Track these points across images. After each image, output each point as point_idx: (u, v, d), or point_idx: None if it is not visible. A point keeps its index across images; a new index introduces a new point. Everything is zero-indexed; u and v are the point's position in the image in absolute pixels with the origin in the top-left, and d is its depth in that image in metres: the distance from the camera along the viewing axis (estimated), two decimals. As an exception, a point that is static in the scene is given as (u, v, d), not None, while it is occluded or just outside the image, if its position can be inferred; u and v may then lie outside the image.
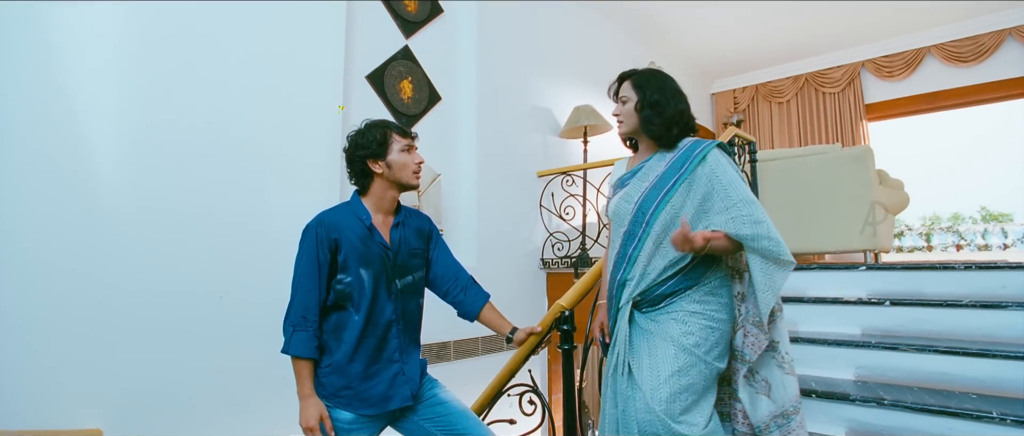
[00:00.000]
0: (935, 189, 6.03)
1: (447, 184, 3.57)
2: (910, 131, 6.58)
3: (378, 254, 1.57)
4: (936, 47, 5.63)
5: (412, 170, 1.63)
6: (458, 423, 1.65)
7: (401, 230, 1.66)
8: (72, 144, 2.08)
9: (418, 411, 1.65)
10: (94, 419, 2.03)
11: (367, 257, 1.56)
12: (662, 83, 1.55)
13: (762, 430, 1.48)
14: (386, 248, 1.60)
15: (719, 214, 1.42)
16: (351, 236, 1.56)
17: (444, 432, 1.64)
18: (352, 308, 1.54)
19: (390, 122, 1.67)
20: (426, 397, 1.68)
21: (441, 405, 1.67)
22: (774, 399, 1.48)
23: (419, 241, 1.71)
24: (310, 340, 1.51)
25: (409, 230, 1.69)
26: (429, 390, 1.69)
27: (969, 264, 2.33)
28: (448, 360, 3.29)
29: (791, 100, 6.56)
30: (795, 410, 1.48)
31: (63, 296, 2.01)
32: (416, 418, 1.65)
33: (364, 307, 1.54)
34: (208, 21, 2.46)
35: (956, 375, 2.04)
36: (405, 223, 1.68)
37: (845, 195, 3.23)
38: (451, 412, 1.66)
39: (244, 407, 2.41)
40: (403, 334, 1.62)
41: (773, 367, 1.50)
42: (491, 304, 1.79)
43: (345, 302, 1.55)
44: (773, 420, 1.48)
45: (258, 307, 2.45)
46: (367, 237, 1.57)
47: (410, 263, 1.66)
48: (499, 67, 3.96)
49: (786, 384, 1.49)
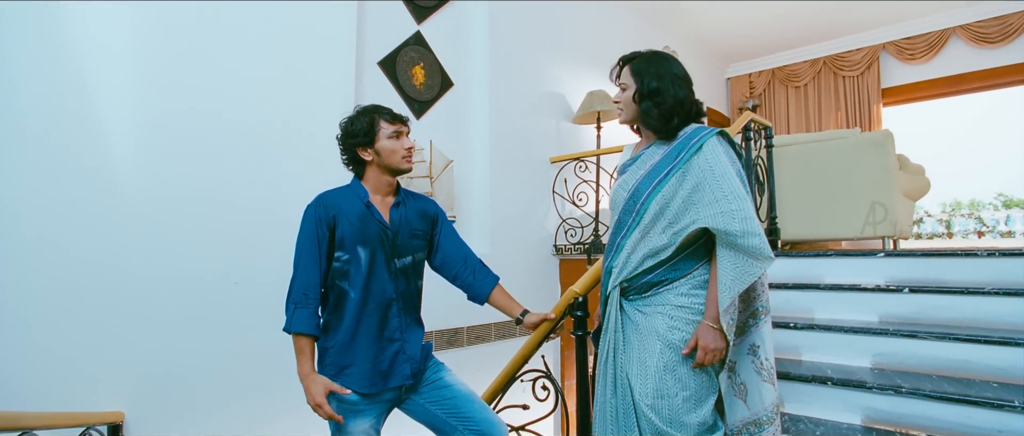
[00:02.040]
0: (955, 175, 5.90)
1: (460, 170, 3.57)
2: (930, 115, 6.41)
3: (376, 233, 1.59)
4: (961, 28, 5.46)
5: (401, 155, 1.64)
6: (463, 406, 1.66)
7: (402, 210, 1.67)
8: (89, 134, 2.10)
9: (423, 394, 1.67)
10: (116, 402, 2.08)
11: (365, 235, 1.57)
12: (662, 68, 1.46)
13: (734, 435, 1.45)
14: (384, 227, 1.61)
15: (708, 206, 1.36)
16: (350, 214, 1.58)
17: (449, 415, 1.66)
18: (349, 286, 1.56)
19: (379, 108, 1.66)
20: (431, 380, 1.68)
21: (446, 388, 1.68)
22: (749, 406, 1.45)
23: (421, 223, 1.72)
24: (311, 317, 1.53)
25: (410, 211, 1.69)
26: (434, 373, 1.70)
27: (992, 251, 2.28)
28: (461, 346, 3.31)
29: (808, 84, 6.43)
30: (769, 420, 1.45)
31: (83, 283, 2.05)
32: (421, 401, 1.67)
33: (360, 285, 1.55)
34: (221, 9, 2.46)
35: (977, 363, 2.00)
36: (405, 204, 1.69)
37: (864, 181, 3.17)
38: (456, 395, 1.67)
39: (261, 391, 2.45)
40: (403, 313, 1.63)
41: (751, 372, 1.47)
42: (501, 286, 1.79)
43: (342, 280, 1.57)
44: (745, 427, 1.45)
45: (273, 293, 2.46)
46: (366, 215, 1.59)
47: (410, 243, 1.67)
48: (511, 52, 3.92)
49: (763, 392, 1.45)
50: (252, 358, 2.43)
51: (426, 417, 1.68)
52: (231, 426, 2.35)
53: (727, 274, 1.34)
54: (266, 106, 2.59)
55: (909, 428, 1.91)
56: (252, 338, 2.43)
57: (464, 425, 1.65)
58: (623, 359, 1.46)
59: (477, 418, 1.65)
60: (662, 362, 1.38)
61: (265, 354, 2.45)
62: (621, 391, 1.46)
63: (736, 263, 1.34)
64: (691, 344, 1.37)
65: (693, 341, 1.37)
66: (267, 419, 2.45)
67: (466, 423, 1.65)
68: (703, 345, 1.35)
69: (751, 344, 1.47)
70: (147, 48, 2.26)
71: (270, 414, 2.46)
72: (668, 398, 1.37)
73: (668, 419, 1.36)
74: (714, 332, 1.35)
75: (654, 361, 1.39)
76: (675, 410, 1.36)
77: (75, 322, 2.03)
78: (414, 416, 1.70)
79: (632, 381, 1.42)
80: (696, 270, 1.43)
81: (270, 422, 2.46)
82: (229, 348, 2.38)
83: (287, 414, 2.47)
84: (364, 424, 1.57)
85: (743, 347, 1.49)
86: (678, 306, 1.41)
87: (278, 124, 2.62)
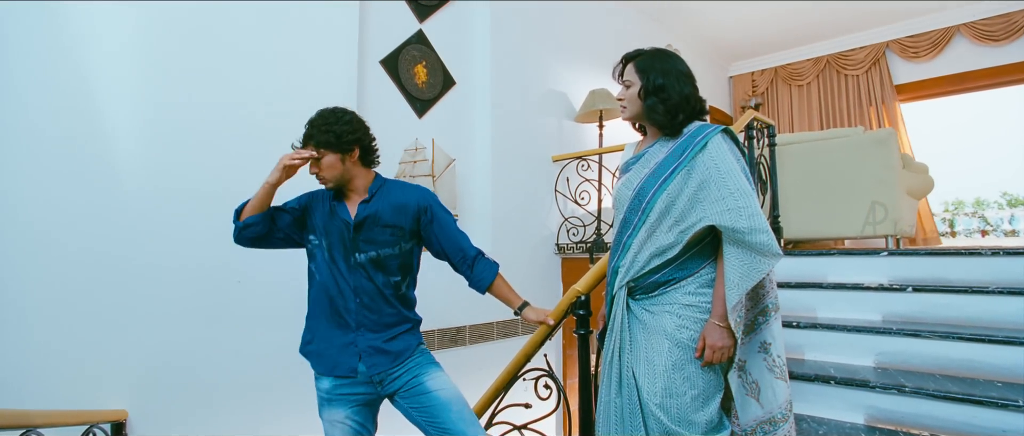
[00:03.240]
0: (958, 174, 5.87)
1: (462, 169, 3.57)
2: (934, 113, 6.38)
3: (337, 227, 1.63)
4: (966, 26, 5.44)
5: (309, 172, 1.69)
6: (439, 415, 1.58)
7: (376, 205, 1.65)
8: (93, 132, 2.11)
9: (404, 397, 1.63)
10: (119, 400, 2.09)
11: (327, 227, 1.64)
12: (667, 65, 1.46)
13: (748, 434, 1.44)
14: (346, 222, 1.63)
15: (715, 203, 1.35)
16: (321, 205, 1.67)
17: (427, 422, 1.60)
18: (315, 269, 1.65)
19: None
20: (411, 385, 1.62)
21: (425, 395, 1.61)
22: (762, 403, 1.44)
23: (396, 217, 1.66)
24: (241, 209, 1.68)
25: (383, 204, 1.66)
26: (415, 377, 1.63)
27: (997, 250, 2.27)
28: (463, 344, 3.31)
29: (811, 83, 6.41)
30: (783, 418, 1.44)
31: (86, 281, 2.06)
32: (403, 404, 1.64)
33: (324, 270, 1.63)
34: (224, 6, 2.47)
35: (981, 363, 2.00)
36: (378, 197, 1.67)
37: (868, 179, 3.16)
38: (434, 403, 1.60)
39: (264, 388, 2.45)
40: (362, 308, 1.60)
41: (763, 369, 1.45)
42: (502, 276, 1.77)
43: (311, 261, 1.67)
44: (760, 426, 1.44)
45: (276, 290, 2.48)
46: (330, 208, 1.66)
47: (376, 237, 1.63)
48: (514, 51, 3.92)
49: (776, 389, 1.44)
50: (255, 356, 2.44)
51: (410, 420, 1.66)
52: (234, 423, 2.36)
53: (735, 272, 1.34)
54: (269, 103, 2.59)
55: (912, 428, 1.91)
56: (255, 336, 2.44)
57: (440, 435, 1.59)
58: (630, 358, 1.46)
59: (453, 430, 1.56)
60: (671, 361, 1.38)
61: (268, 351, 2.45)
62: (627, 390, 1.45)
63: (744, 260, 1.33)
64: (701, 344, 1.37)
65: (701, 341, 1.37)
66: (270, 416, 2.46)
67: (442, 434, 1.58)
68: (710, 344, 1.35)
69: (762, 342, 1.46)
70: (151, 46, 2.26)
71: (273, 411, 2.47)
72: (677, 397, 1.37)
73: (676, 418, 1.36)
74: (721, 331, 1.35)
75: (662, 360, 1.39)
76: (683, 409, 1.36)
77: (78, 320, 2.03)
78: (403, 416, 1.69)
79: (639, 380, 1.42)
80: (703, 269, 1.43)
81: (273, 419, 2.46)
82: (232, 346, 2.38)
83: (290, 412, 2.48)
84: (337, 414, 1.62)
85: (754, 345, 1.48)
86: (686, 305, 1.41)
87: (280, 121, 2.62)
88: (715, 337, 1.35)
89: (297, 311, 1.74)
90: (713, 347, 1.35)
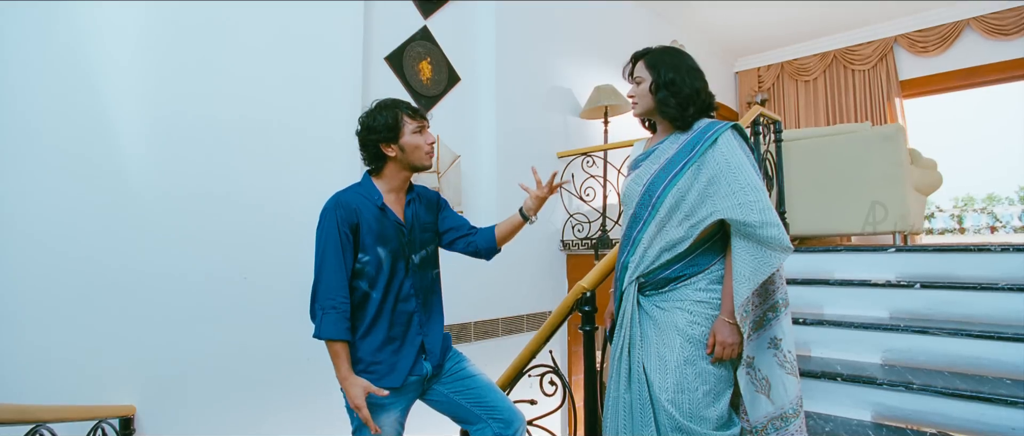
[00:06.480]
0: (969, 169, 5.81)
1: (467, 165, 3.56)
2: (942, 109, 6.32)
3: (393, 232, 1.59)
4: (976, 20, 5.38)
5: (425, 151, 1.63)
6: (487, 396, 1.69)
7: (414, 206, 1.68)
8: (99, 134, 2.12)
9: (447, 384, 1.68)
10: (127, 396, 2.10)
11: (384, 236, 1.57)
12: (677, 61, 1.49)
13: (759, 431, 1.44)
14: (400, 225, 1.61)
15: (725, 198, 1.36)
16: (368, 216, 1.56)
17: (473, 404, 1.68)
18: (370, 287, 1.55)
19: (400, 102, 1.64)
20: (454, 370, 1.71)
21: (470, 378, 1.71)
22: (773, 400, 1.43)
23: (429, 214, 1.74)
24: (341, 321, 1.48)
25: (421, 206, 1.71)
26: (457, 364, 1.73)
27: (1006, 246, 2.25)
28: (468, 341, 3.31)
29: (818, 78, 6.37)
30: (795, 413, 1.43)
31: (94, 280, 2.07)
32: (446, 390, 1.68)
33: (382, 284, 1.55)
34: (228, 7, 2.47)
35: (990, 360, 1.98)
36: (417, 199, 1.70)
37: (875, 175, 3.13)
38: (479, 385, 1.70)
39: (270, 385, 2.47)
40: (423, 307, 1.65)
41: (774, 365, 1.44)
42: (497, 226, 1.81)
43: (362, 281, 1.55)
44: (771, 422, 1.43)
45: (281, 288, 2.49)
46: (381, 216, 1.58)
47: (423, 237, 1.69)
48: (518, 47, 3.91)
49: (787, 385, 1.43)
50: (261, 353, 2.45)
51: (450, 407, 1.70)
52: (240, 419, 2.37)
53: (746, 266, 1.34)
54: (273, 101, 2.59)
55: (920, 425, 1.90)
56: (261, 333, 2.45)
57: (488, 414, 1.67)
58: (640, 353, 1.46)
59: (501, 407, 1.69)
60: (683, 356, 1.39)
61: (274, 349, 2.46)
62: (637, 385, 1.45)
63: (755, 254, 1.34)
64: (711, 340, 1.38)
65: (712, 337, 1.38)
66: (276, 412, 2.47)
67: (491, 412, 1.67)
68: (720, 340, 1.37)
69: (772, 337, 1.46)
70: (155, 46, 2.27)
71: (279, 407, 2.48)
72: (689, 392, 1.37)
73: (688, 413, 1.36)
74: (730, 327, 1.36)
75: (674, 355, 1.39)
76: (695, 404, 1.37)
77: (86, 318, 2.05)
78: (437, 406, 1.72)
79: (650, 375, 1.42)
80: (714, 265, 1.44)
81: (279, 415, 2.48)
82: (239, 343, 2.40)
83: (295, 407, 2.49)
84: (391, 418, 1.58)
85: (763, 341, 1.47)
86: (697, 301, 1.42)
87: (285, 119, 2.63)
88: (726, 333, 1.36)
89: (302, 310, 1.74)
90: (723, 343, 1.36)
